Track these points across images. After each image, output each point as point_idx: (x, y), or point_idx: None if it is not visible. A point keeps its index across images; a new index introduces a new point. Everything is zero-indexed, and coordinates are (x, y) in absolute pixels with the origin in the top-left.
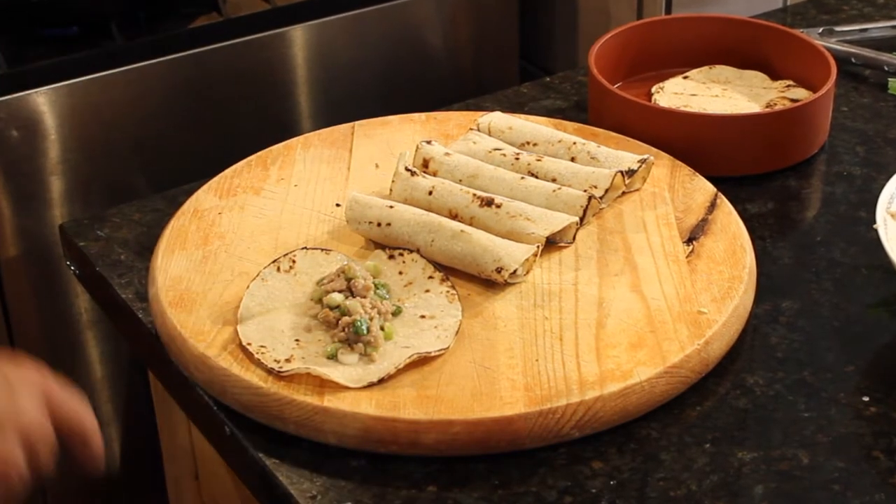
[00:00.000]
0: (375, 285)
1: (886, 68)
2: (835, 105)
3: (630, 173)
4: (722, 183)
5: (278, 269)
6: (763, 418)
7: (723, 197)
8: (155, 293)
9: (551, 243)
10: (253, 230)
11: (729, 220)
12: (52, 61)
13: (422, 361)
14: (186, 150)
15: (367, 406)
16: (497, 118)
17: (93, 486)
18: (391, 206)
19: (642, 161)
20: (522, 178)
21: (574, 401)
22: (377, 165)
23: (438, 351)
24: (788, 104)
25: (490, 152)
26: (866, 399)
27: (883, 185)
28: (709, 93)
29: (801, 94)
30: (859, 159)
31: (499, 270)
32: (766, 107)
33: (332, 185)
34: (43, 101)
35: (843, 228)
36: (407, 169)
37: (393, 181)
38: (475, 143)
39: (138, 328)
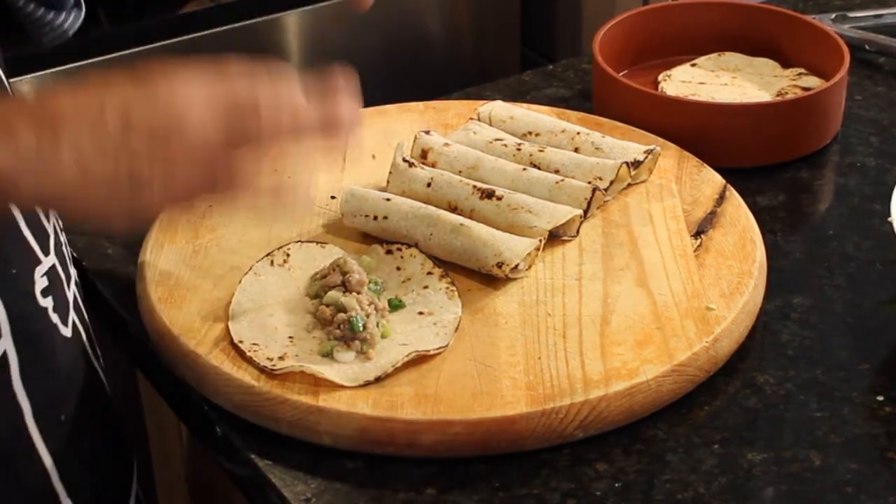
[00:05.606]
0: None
1: None
2: (848, 94)
3: (636, 164)
4: (731, 174)
5: (272, 262)
6: (773, 418)
7: (732, 189)
8: (143, 289)
9: (554, 237)
10: (245, 223)
11: (738, 212)
12: (37, 48)
13: (420, 360)
14: None
15: (364, 406)
16: (498, 107)
17: None
18: (388, 199)
19: (648, 152)
20: (524, 169)
21: (578, 400)
22: (374, 156)
23: (437, 349)
24: (800, 93)
25: (491, 143)
26: (880, 398)
27: None
28: (717, 81)
29: (814, 82)
30: (873, 150)
31: (500, 265)
32: (777, 95)
33: (327, 176)
34: (28, 89)
35: (857, 221)
36: (404, 160)
37: (390, 173)
38: (475, 134)
39: (126, 325)
